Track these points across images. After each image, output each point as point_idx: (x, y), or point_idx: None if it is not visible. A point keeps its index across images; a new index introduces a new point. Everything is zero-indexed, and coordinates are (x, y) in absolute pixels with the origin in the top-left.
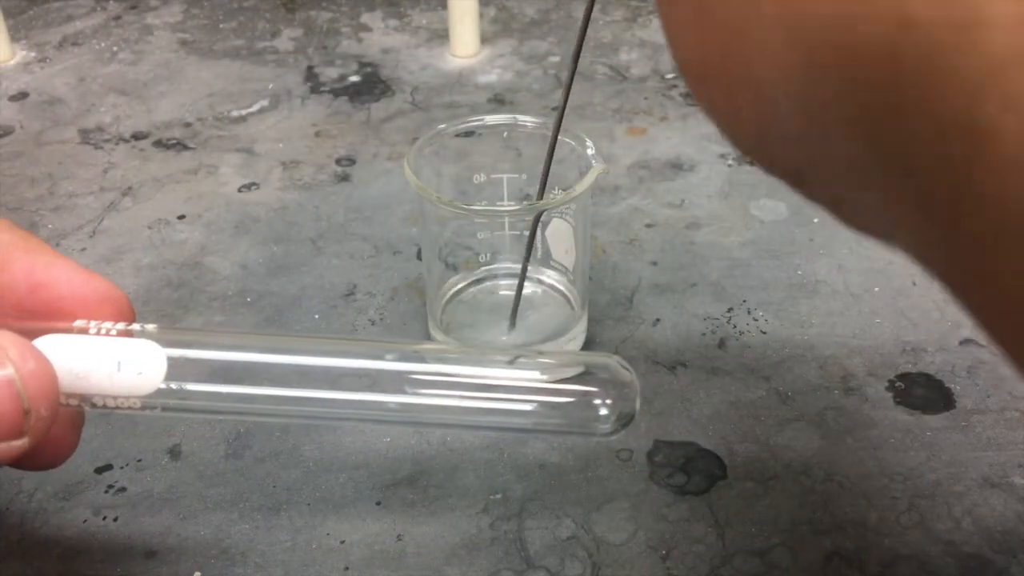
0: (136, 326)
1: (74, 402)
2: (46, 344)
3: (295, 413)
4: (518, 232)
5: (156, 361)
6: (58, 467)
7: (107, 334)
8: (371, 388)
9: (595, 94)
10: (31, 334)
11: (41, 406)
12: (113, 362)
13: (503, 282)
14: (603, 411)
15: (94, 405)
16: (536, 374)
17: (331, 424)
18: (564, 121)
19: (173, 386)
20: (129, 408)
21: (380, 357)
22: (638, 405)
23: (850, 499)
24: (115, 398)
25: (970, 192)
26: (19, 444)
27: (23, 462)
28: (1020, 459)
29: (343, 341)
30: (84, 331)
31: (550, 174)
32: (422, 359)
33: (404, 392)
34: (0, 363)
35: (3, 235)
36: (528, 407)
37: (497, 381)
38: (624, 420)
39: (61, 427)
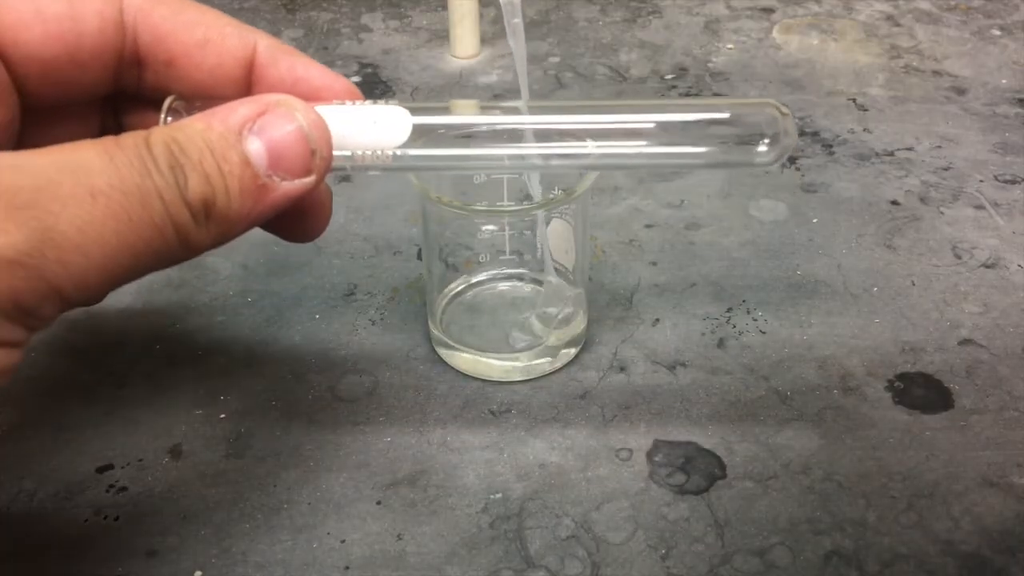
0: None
1: (340, 154)
2: (317, 107)
3: (510, 165)
4: (518, 232)
5: (403, 117)
6: (316, 238)
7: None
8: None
9: (595, 94)
10: None
11: (323, 148)
12: (369, 120)
13: (502, 284)
14: (765, 128)
15: (355, 159)
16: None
17: (539, 168)
18: None
19: (415, 146)
20: (382, 164)
21: (574, 112)
22: (793, 135)
23: (849, 499)
24: (372, 152)
25: None
26: (308, 180)
27: (297, 229)
28: (1019, 459)
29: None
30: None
31: (550, 174)
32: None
33: (596, 140)
34: (291, 116)
35: (264, 39)
36: (699, 126)
37: (670, 118)
38: (782, 145)
39: (322, 194)
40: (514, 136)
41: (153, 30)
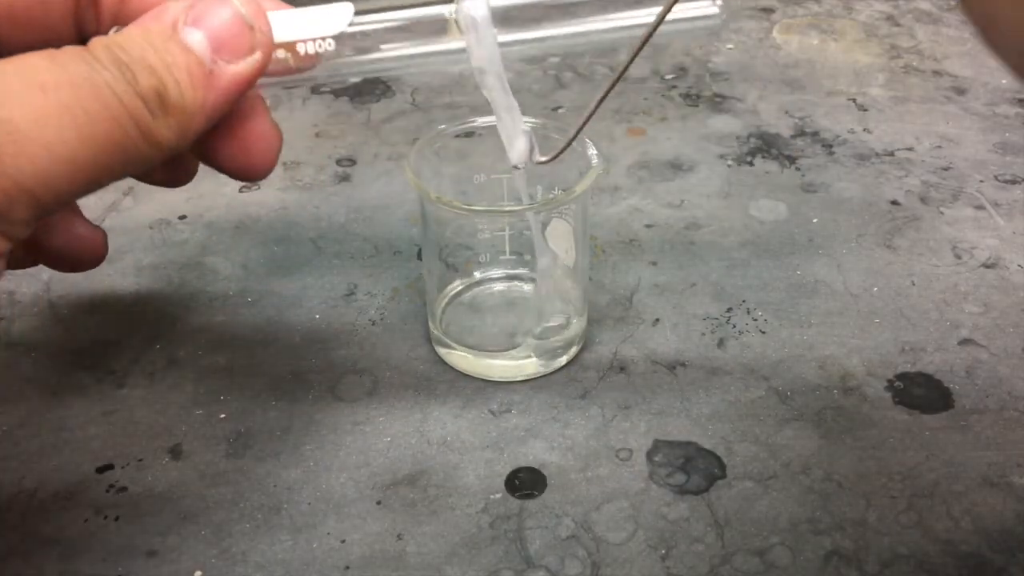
0: None
1: (282, 48)
2: None
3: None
4: (518, 232)
5: (344, 8)
6: (264, 174)
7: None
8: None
9: (595, 95)
10: None
11: (260, 23)
12: (308, 13)
13: (499, 285)
14: None
15: (297, 58)
16: None
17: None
18: (563, 121)
19: (357, 30)
20: (328, 61)
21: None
22: None
23: (849, 498)
24: (315, 43)
25: None
26: (254, 58)
27: (242, 158)
28: (1019, 459)
29: None
30: None
31: (550, 174)
32: None
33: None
34: (223, 0)
35: None
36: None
37: None
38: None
39: (266, 124)
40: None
41: None
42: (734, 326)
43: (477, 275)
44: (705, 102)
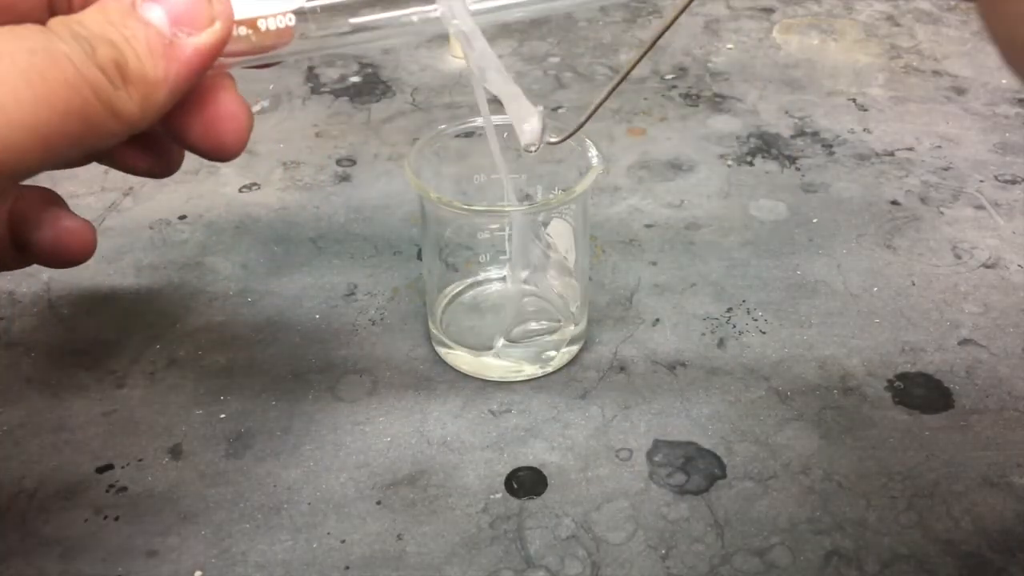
0: None
1: (243, 24)
2: None
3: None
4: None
5: None
6: (235, 154)
7: None
8: None
9: (595, 95)
10: None
11: None
12: None
13: (499, 285)
14: None
15: (258, 24)
16: None
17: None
18: (563, 121)
19: (318, 4)
20: (289, 40)
21: None
22: None
23: (849, 498)
24: (274, 15)
25: None
26: (216, 29)
27: (212, 136)
28: (1019, 459)
29: None
30: None
31: (549, 174)
32: None
33: None
34: None
35: None
36: None
37: None
38: None
39: (235, 101)
40: None
41: None
42: (734, 326)
43: (481, 275)
44: (705, 102)
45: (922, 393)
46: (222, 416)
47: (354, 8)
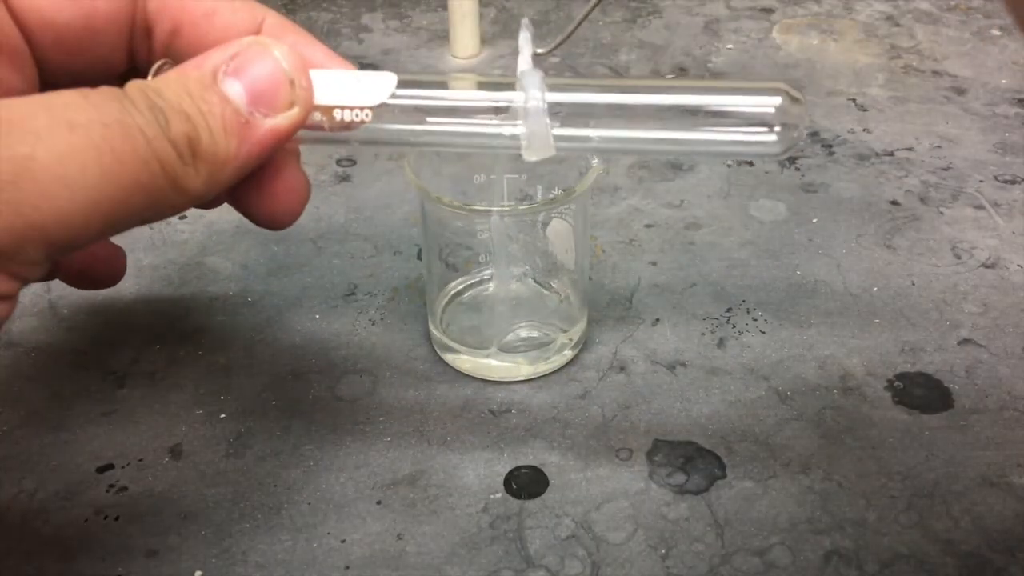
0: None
1: (319, 111)
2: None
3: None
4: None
5: (387, 79)
6: (289, 224)
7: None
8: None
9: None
10: None
11: (301, 78)
12: (353, 79)
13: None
14: (772, 119)
15: (333, 120)
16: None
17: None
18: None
19: (399, 99)
20: (361, 128)
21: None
22: (803, 123)
23: (849, 498)
24: (352, 111)
25: None
26: (292, 113)
27: (269, 208)
28: (1019, 458)
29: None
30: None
31: (549, 174)
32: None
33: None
34: (265, 51)
35: (273, 16)
36: (705, 115)
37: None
38: (791, 136)
39: (296, 175)
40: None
41: None
42: (734, 326)
43: (479, 276)
44: None
45: (922, 393)
46: (222, 416)
47: (433, 111)
